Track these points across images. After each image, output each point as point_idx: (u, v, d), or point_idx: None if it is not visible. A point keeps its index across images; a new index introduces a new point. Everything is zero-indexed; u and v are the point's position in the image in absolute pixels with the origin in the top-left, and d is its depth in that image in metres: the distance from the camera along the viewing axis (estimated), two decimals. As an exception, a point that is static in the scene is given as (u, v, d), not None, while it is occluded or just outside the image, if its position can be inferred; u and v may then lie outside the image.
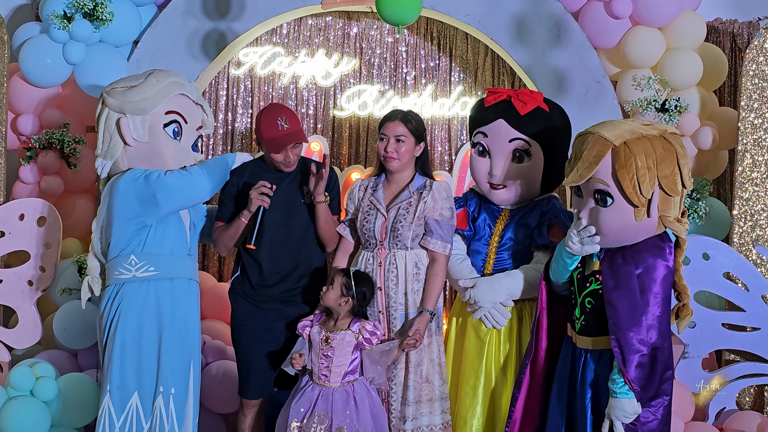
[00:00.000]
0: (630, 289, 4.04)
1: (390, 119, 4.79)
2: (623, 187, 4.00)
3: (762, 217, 5.90)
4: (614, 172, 4.01)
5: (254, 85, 7.41)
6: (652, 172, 3.99)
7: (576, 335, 4.28)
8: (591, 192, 4.11)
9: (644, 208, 4.04)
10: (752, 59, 5.95)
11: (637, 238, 4.13)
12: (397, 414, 4.72)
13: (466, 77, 7.39)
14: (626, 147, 4.01)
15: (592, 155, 4.04)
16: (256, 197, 4.73)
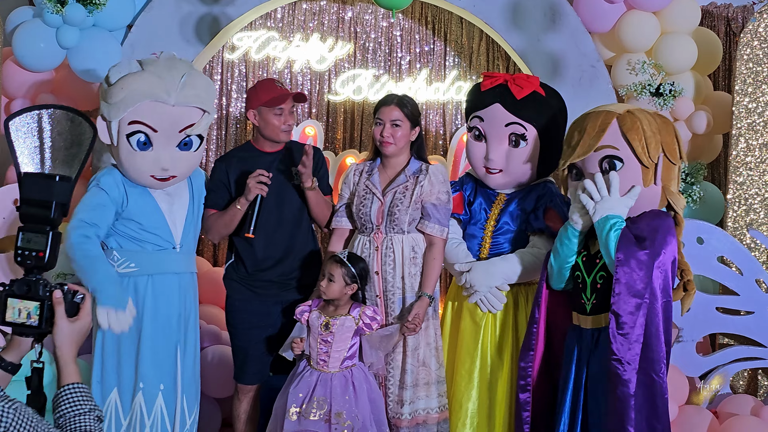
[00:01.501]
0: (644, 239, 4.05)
1: (386, 104, 4.79)
2: (633, 147, 4.09)
3: (756, 201, 5.92)
4: (623, 135, 4.10)
5: (249, 70, 7.41)
6: (656, 137, 4.11)
7: (586, 318, 4.25)
8: (597, 163, 4.16)
9: (652, 171, 4.11)
10: (747, 43, 5.96)
11: (643, 206, 4.18)
12: (394, 398, 4.73)
13: (460, 62, 7.39)
14: (630, 114, 4.15)
15: (597, 125, 4.14)
16: (254, 186, 4.70)
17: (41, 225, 2.58)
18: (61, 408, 2.54)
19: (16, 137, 2.73)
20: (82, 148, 2.69)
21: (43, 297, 2.56)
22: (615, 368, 3.98)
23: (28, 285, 2.56)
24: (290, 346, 4.72)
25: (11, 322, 2.57)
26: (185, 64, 4.61)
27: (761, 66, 5.94)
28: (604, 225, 4.08)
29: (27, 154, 2.75)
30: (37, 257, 2.57)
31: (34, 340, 2.62)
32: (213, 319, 6.37)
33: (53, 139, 2.70)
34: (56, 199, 2.57)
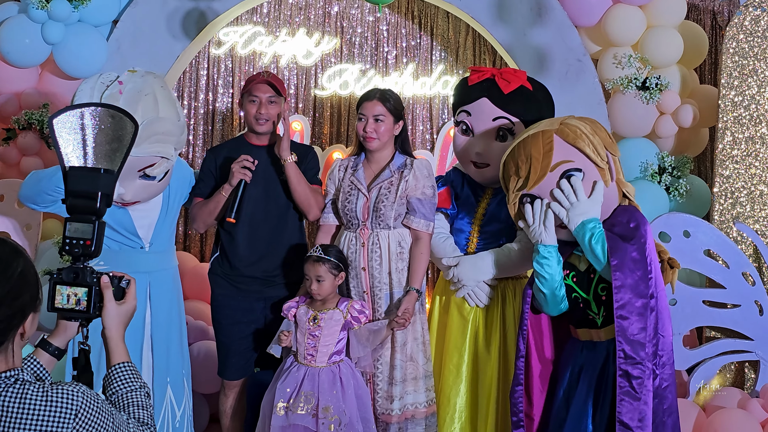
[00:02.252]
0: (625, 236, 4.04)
1: (368, 99, 4.78)
2: (586, 153, 4.07)
3: (742, 195, 5.92)
4: (571, 146, 4.08)
5: (235, 65, 7.40)
6: (596, 137, 4.12)
7: (599, 331, 4.18)
8: (555, 182, 4.10)
9: (607, 170, 4.12)
10: (732, 37, 5.97)
11: (610, 206, 4.18)
12: (383, 394, 4.72)
13: (447, 56, 7.39)
14: (565, 125, 4.14)
15: (542, 147, 4.10)
16: (237, 170, 4.72)
17: (87, 215, 2.72)
18: (114, 386, 2.68)
19: (60, 134, 2.79)
20: (123, 143, 2.79)
21: (91, 283, 2.70)
22: (638, 372, 3.95)
23: (76, 272, 2.70)
24: (278, 340, 4.72)
25: (60, 307, 2.70)
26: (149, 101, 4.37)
27: (747, 59, 5.95)
28: (583, 232, 4.05)
29: (71, 150, 2.78)
30: (84, 245, 2.71)
31: (81, 324, 2.78)
32: (200, 314, 6.37)
33: (96, 134, 2.80)
34: (101, 191, 2.72)
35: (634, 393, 3.94)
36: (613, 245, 4.00)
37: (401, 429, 4.71)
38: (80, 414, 2.36)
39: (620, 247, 3.99)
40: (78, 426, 2.35)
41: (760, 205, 5.91)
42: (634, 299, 3.95)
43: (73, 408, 2.35)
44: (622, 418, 3.93)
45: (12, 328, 2.40)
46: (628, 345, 3.94)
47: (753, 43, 5.94)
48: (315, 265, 4.61)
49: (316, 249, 4.65)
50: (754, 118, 5.93)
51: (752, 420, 5.17)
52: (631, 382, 3.94)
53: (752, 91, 5.94)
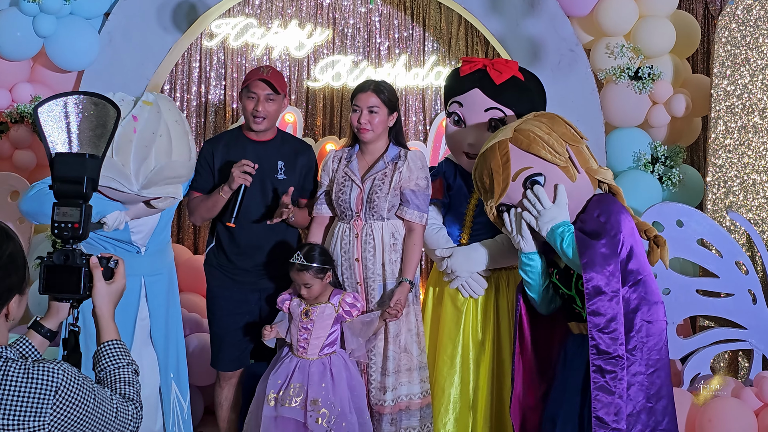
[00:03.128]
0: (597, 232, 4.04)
1: (362, 90, 4.78)
2: (543, 157, 4.06)
3: (735, 184, 5.93)
4: (526, 152, 4.07)
5: (227, 57, 7.39)
6: (552, 135, 4.10)
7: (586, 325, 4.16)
8: (520, 189, 4.11)
9: (570, 165, 4.10)
10: (725, 26, 5.97)
11: (583, 199, 4.17)
12: (377, 385, 4.73)
13: (439, 47, 7.39)
14: (519, 131, 4.12)
15: (500, 160, 4.11)
16: (238, 175, 4.69)
17: (75, 199, 2.79)
18: (102, 362, 2.75)
19: (45, 122, 2.89)
20: (107, 128, 2.91)
21: (80, 264, 2.78)
22: (611, 366, 3.96)
23: (66, 254, 2.77)
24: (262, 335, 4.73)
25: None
26: (163, 143, 4.33)
27: (739, 49, 5.95)
28: (554, 237, 4.06)
29: (56, 137, 2.89)
30: (72, 228, 2.78)
31: (72, 305, 2.85)
32: (194, 307, 6.37)
33: (80, 122, 2.91)
34: (87, 175, 2.79)
35: (608, 387, 3.95)
36: (582, 244, 4.00)
37: (394, 420, 4.71)
38: (60, 391, 2.42)
39: (588, 245, 3.98)
40: (58, 402, 2.41)
41: (753, 194, 5.92)
42: (604, 295, 3.96)
43: (53, 385, 2.41)
44: (598, 413, 3.95)
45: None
46: (600, 340, 3.95)
47: (745, 32, 5.94)
48: (300, 273, 4.61)
49: (297, 256, 4.62)
50: (746, 107, 5.94)
51: (746, 408, 5.19)
52: (605, 376, 3.95)
53: (744, 81, 5.94)
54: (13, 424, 2.39)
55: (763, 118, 5.91)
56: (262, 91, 4.85)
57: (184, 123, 4.48)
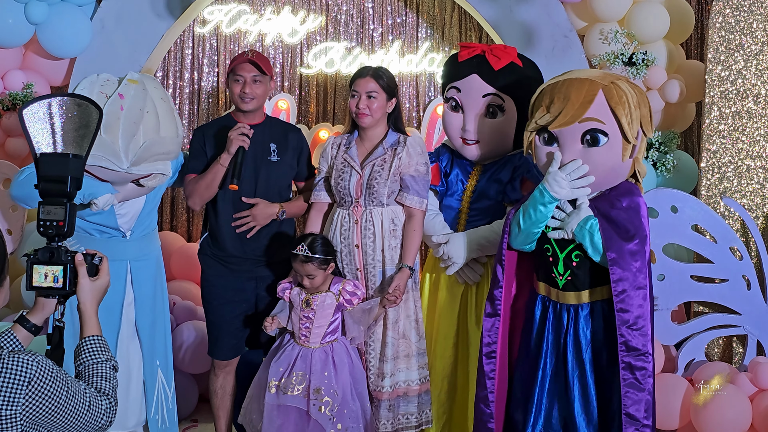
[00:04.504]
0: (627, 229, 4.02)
1: (361, 75, 4.76)
2: (621, 123, 3.96)
3: (729, 170, 5.93)
4: (610, 108, 3.96)
5: (220, 44, 7.36)
6: (637, 111, 4.01)
7: (558, 292, 4.18)
8: (578, 135, 4.01)
9: (632, 146, 4.03)
10: (719, 11, 5.96)
11: (618, 179, 4.12)
12: (375, 371, 4.72)
13: (433, 33, 7.37)
14: (616, 86, 3.99)
15: (582, 96, 3.98)
16: (236, 137, 4.73)
17: (59, 198, 2.86)
18: (82, 356, 2.83)
19: (30, 123, 2.97)
20: (90, 129, 3.00)
21: (66, 261, 2.85)
22: (638, 362, 3.96)
23: (51, 252, 2.85)
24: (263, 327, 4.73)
25: (38, 286, 2.85)
26: (150, 120, 4.35)
27: (733, 34, 5.94)
28: (583, 234, 4.02)
29: (41, 137, 2.97)
30: (57, 226, 2.85)
31: (59, 300, 2.92)
32: (188, 294, 6.36)
33: (63, 122, 2.99)
34: (71, 174, 2.86)
35: (638, 384, 3.95)
36: (609, 238, 3.97)
37: (392, 406, 4.71)
38: (33, 381, 2.50)
39: (617, 241, 3.97)
40: (31, 392, 2.49)
41: (747, 179, 5.92)
42: (632, 291, 3.95)
43: (27, 376, 2.49)
44: (628, 410, 3.94)
45: None
46: (630, 336, 3.94)
47: (739, 17, 5.93)
48: (304, 265, 4.60)
49: (301, 247, 4.60)
50: (740, 92, 5.93)
51: (741, 394, 5.20)
52: (635, 373, 3.94)
53: (739, 66, 5.94)
54: None
55: (757, 103, 5.91)
56: (248, 73, 4.86)
57: (169, 100, 4.52)
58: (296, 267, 4.64)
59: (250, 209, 4.86)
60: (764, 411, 5.13)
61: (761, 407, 5.15)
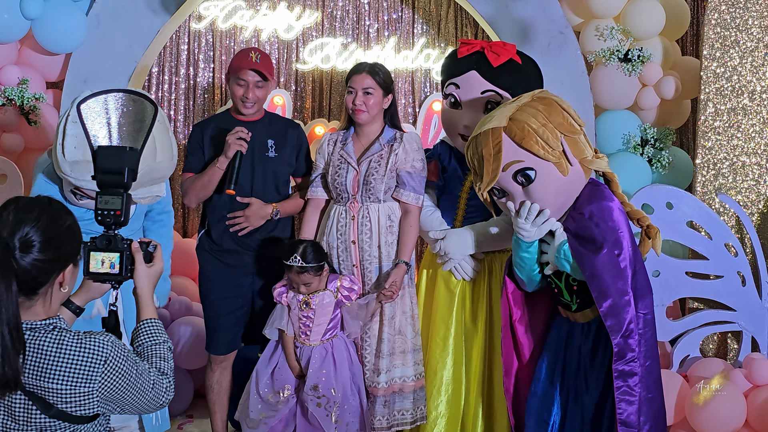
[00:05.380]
0: (594, 240, 4.02)
1: (357, 72, 4.77)
2: (534, 152, 3.95)
3: (724, 166, 5.94)
4: (518, 146, 3.96)
5: (216, 39, 7.36)
6: (548, 125, 3.97)
7: (575, 314, 4.21)
8: (511, 180, 4.03)
9: (563, 159, 4.00)
10: (714, 8, 5.96)
11: (574, 192, 4.09)
12: (371, 367, 4.73)
13: (429, 29, 7.37)
14: (514, 121, 3.98)
15: (491, 148, 4.00)
16: (234, 142, 4.73)
17: (116, 189, 2.97)
18: (140, 338, 2.97)
19: (87, 117, 3.09)
20: (145, 123, 3.13)
21: (122, 248, 2.97)
22: (630, 368, 3.97)
23: (108, 239, 2.97)
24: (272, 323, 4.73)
25: (95, 272, 2.97)
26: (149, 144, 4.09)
27: (729, 30, 5.95)
28: (560, 263, 4.04)
29: (98, 131, 3.09)
30: (114, 215, 2.97)
31: (113, 285, 3.06)
32: (184, 290, 6.36)
33: (119, 117, 3.12)
34: (127, 166, 2.96)
35: (630, 391, 3.96)
36: (579, 256, 3.97)
37: (387, 402, 4.72)
38: (109, 360, 2.66)
39: (587, 257, 3.96)
40: (107, 370, 2.66)
41: (743, 176, 5.93)
42: (617, 299, 3.95)
43: (103, 355, 2.66)
44: (623, 417, 3.96)
45: (53, 271, 2.70)
46: (624, 344, 3.95)
47: (735, 14, 5.94)
48: (299, 275, 4.61)
49: (294, 258, 4.58)
50: (736, 89, 5.94)
51: (735, 390, 5.20)
52: (627, 380, 3.96)
53: (734, 63, 5.94)
54: (66, 389, 2.62)
55: (752, 100, 5.92)
56: (252, 78, 4.86)
57: (164, 119, 4.48)
58: (292, 277, 4.65)
59: (244, 209, 4.86)
60: (759, 407, 5.14)
61: (756, 403, 5.16)
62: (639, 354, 3.98)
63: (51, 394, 2.62)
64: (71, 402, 2.63)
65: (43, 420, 2.64)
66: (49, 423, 2.64)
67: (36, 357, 2.63)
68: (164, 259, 3.69)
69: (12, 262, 2.60)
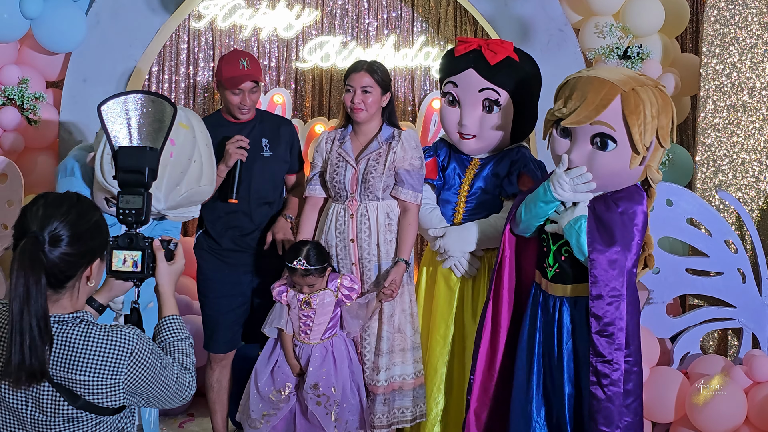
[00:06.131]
0: (613, 234, 4.03)
1: (355, 70, 4.77)
2: (631, 133, 3.93)
3: (724, 163, 5.94)
4: (623, 116, 3.94)
5: (215, 38, 7.35)
6: (654, 121, 3.95)
7: (548, 283, 4.26)
8: (589, 135, 4.02)
9: (642, 155, 3.99)
10: (713, 5, 5.96)
11: (623, 184, 4.12)
12: (370, 365, 4.74)
13: (428, 27, 7.36)
14: (635, 93, 3.94)
15: (599, 98, 3.96)
16: (234, 151, 4.75)
17: (137, 188, 3.02)
18: (163, 334, 3.03)
19: (108, 119, 3.12)
20: (164, 123, 3.16)
21: (144, 246, 3.02)
22: (604, 369, 3.98)
23: (130, 238, 3.01)
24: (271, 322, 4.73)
25: (117, 270, 3.02)
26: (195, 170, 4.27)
27: (728, 27, 5.94)
28: (571, 232, 4.07)
29: (119, 132, 3.13)
30: (136, 214, 3.01)
31: (135, 283, 3.11)
32: (183, 289, 6.36)
33: (139, 118, 3.15)
34: (148, 165, 3.02)
35: (601, 390, 4.00)
36: (593, 241, 4.00)
37: (387, 400, 4.72)
38: (135, 353, 2.74)
39: (599, 246, 3.99)
40: (133, 363, 2.73)
41: (742, 172, 5.93)
42: (607, 297, 3.98)
43: (129, 347, 2.73)
44: (594, 415, 4.00)
45: (81, 265, 2.76)
46: (598, 342, 4.00)
47: (734, 10, 5.93)
48: (304, 278, 4.61)
49: (299, 261, 4.58)
50: (735, 86, 5.94)
51: (736, 387, 5.20)
52: (600, 379, 4.00)
53: (734, 59, 5.94)
54: (93, 380, 2.69)
55: (752, 96, 5.92)
56: (247, 86, 4.88)
57: (211, 146, 4.45)
58: (296, 280, 4.65)
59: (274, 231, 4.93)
60: (759, 404, 5.14)
61: (756, 400, 5.16)
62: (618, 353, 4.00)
63: (78, 385, 2.68)
64: (98, 393, 2.70)
65: (70, 411, 2.70)
66: (76, 414, 2.70)
67: (63, 349, 2.69)
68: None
69: (41, 256, 2.64)
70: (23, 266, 2.60)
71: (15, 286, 2.59)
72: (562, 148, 4.15)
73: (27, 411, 2.70)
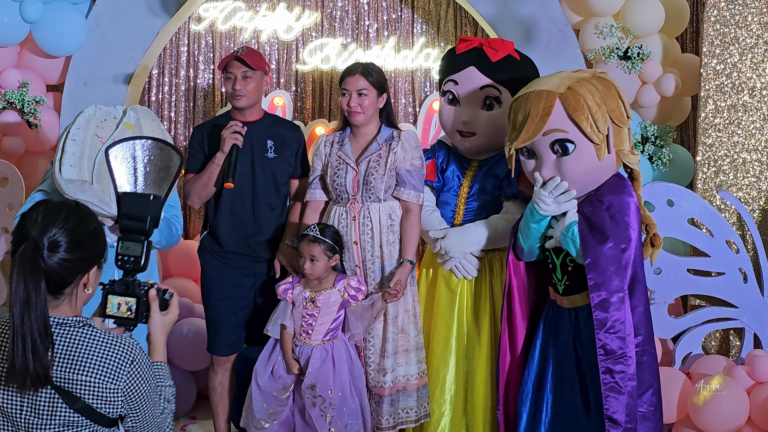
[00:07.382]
0: (604, 231, 4.04)
1: (350, 73, 4.77)
2: (582, 128, 4.01)
3: (725, 163, 5.93)
4: (569, 116, 4.02)
5: (215, 41, 7.35)
6: (602, 108, 4.03)
7: (561, 297, 4.27)
8: (547, 146, 4.09)
9: (604, 144, 4.06)
10: (713, 5, 5.96)
11: (602, 178, 4.16)
12: (375, 367, 4.73)
13: (428, 29, 7.36)
14: (572, 91, 4.03)
15: (540, 108, 4.04)
16: (228, 136, 4.77)
17: (138, 235, 3.01)
18: None
19: (115, 163, 3.12)
20: (170, 172, 3.17)
21: (139, 294, 3.00)
22: (620, 366, 3.98)
23: (126, 284, 3.00)
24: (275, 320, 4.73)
25: (111, 314, 3.01)
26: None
27: (728, 27, 5.94)
28: (566, 242, 4.09)
29: (123, 178, 3.13)
30: (134, 261, 3.01)
31: (128, 329, 3.06)
32: (185, 291, 6.36)
33: (146, 164, 3.16)
34: (151, 215, 3.01)
35: (618, 388, 3.98)
36: (586, 243, 4.02)
37: (393, 401, 4.72)
38: (135, 362, 2.75)
39: (593, 246, 4.01)
40: (132, 371, 2.74)
41: (743, 172, 5.92)
42: (608, 295, 3.98)
43: (131, 355, 2.75)
44: (610, 414, 3.98)
45: (79, 271, 2.78)
46: (607, 340, 3.98)
47: (734, 10, 5.93)
48: (310, 244, 4.60)
49: (312, 228, 4.62)
50: (736, 86, 5.94)
51: (738, 387, 5.20)
52: (614, 376, 3.98)
53: (734, 59, 5.94)
54: (94, 381, 2.69)
55: (752, 96, 5.92)
56: (237, 70, 4.92)
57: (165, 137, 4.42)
58: (302, 248, 4.64)
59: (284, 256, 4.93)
60: (761, 404, 5.14)
61: (758, 400, 5.16)
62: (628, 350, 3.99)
63: (78, 386, 2.69)
64: (97, 396, 2.70)
65: (67, 414, 2.69)
66: (73, 417, 2.70)
67: (65, 350, 2.70)
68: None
69: (40, 261, 2.66)
70: (23, 271, 2.61)
71: (15, 290, 2.60)
72: (530, 167, 4.22)
73: (22, 415, 2.70)
